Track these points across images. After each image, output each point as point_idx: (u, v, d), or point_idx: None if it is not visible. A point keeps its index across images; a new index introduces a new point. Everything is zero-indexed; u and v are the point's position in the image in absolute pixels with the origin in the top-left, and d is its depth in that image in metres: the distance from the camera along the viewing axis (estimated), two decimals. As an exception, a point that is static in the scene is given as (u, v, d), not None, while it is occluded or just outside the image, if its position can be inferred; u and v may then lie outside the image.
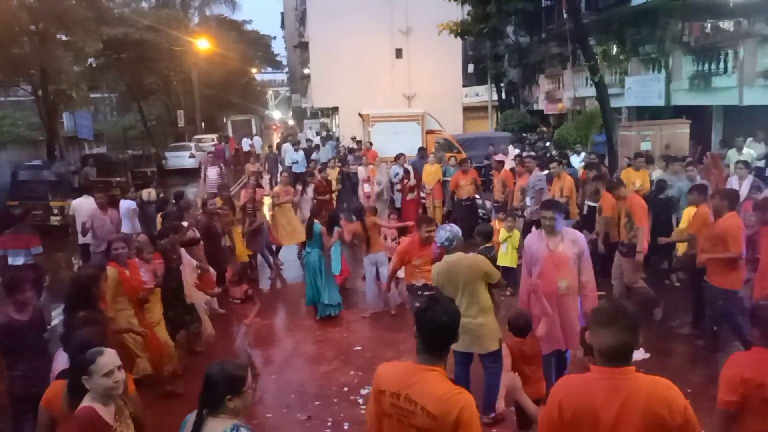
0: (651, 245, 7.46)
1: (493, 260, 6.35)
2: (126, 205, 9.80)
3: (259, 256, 10.16)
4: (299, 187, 11.43)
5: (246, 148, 29.28)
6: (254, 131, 38.45)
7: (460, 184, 11.27)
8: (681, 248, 7.59)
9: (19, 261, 7.21)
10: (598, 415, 2.31)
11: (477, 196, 11.64)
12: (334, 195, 12.60)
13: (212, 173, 12.02)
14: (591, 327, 2.43)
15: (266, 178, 17.75)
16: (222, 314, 7.48)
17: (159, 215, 9.10)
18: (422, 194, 12.49)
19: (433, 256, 5.91)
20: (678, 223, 7.95)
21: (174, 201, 9.90)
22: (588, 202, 8.98)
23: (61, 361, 3.67)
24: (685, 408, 2.28)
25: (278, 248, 10.66)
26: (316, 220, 7.82)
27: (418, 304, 5.83)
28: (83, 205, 9.59)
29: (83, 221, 8.54)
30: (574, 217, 9.07)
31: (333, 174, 13.18)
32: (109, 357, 2.92)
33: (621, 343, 2.32)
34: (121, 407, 3.03)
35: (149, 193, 11.24)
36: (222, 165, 12.83)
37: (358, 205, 9.73)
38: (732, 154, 11.39)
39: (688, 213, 7.24)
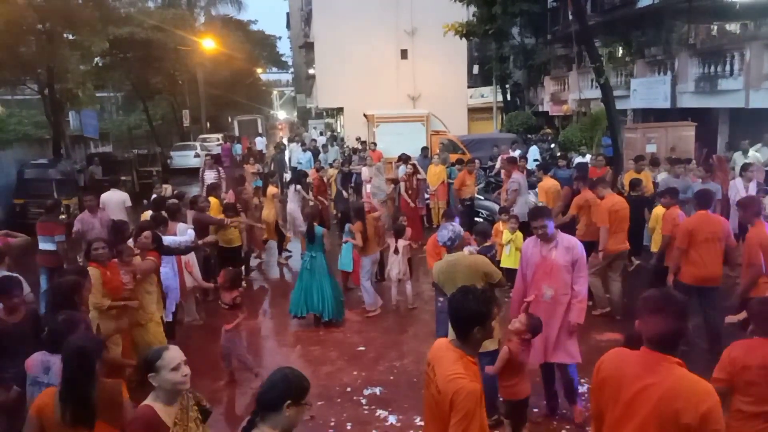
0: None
1: (493, 260, 6.36)
2: None
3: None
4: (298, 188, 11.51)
5: (259, 146, 29.29)
6: (260, 131, 38.56)
7: (466, 183, 11.32)
8: (654, 246, 7.93)
9: (48, 246, 7.88)
10: (621, 387, 2.44)
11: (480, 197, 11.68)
12: (330, 195, 12.65)
13: (209, 177, 12.01)
14: (641, 315, 2.50)
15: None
16: (200, 323, 7.53)
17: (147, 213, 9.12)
18: (426, 195, 12.49)
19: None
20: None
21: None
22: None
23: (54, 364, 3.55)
24: (705, 414, 2.24)
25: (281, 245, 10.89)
26: (316, 224, 7.76)
27: (441, 299, 5.92)
28: (111, 199, 9.93)
29: (76, 228, 8.29)
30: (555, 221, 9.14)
31: (332, 173, 13.19)
32: (175, 351, 2.89)
33: (669, 330, 2.39)
34: (185, 408, 2.92)
35: (165, 189, 11.52)
36: (220, 168, 12.79)
37: (358, 204, 9.78)
38: (737, 157, 11.36)
39: (656, 213, 7.68)
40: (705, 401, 2.26)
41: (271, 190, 10.97)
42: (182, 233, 7.39)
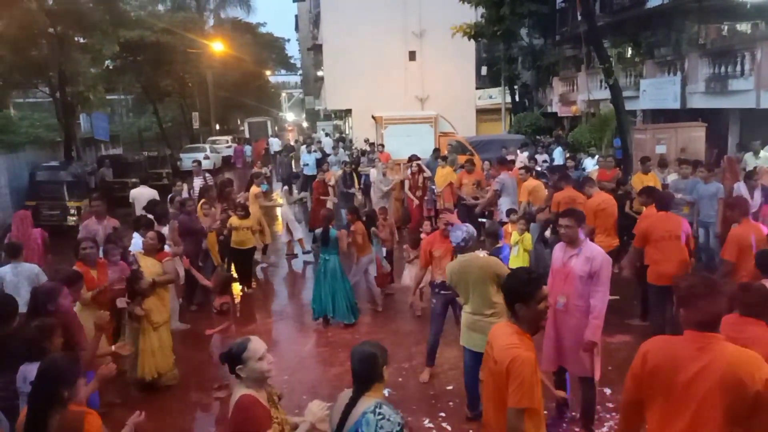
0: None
1: (505, 261, 6.38)
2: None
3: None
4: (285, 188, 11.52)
5: (276, 147, 29.38)
6: (270, 132, 38.72)
7: (463, 182, 11.38)
8: None
9: None
10: (677, 370, 2.53)
11: (479, 197, 11.68)
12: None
13: (197, 183, 11.98)
14: (687, 301, 2.61)
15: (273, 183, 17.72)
16: (186, 329, 7.45)
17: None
18: (433, 196, 12.51)
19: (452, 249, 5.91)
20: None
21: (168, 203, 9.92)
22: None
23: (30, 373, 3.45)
24: (767, 380, 2.39)
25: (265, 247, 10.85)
26: (330, 226, 7.74)
27: (434, 301, 5.95)
28: (142, 194, 10.14)
29: (80, 235, 7.84)
30: (540, 221, 9.19)
31: (334, 175, 13.20)
32: (258, 342, 2.98)
33: (717, 310, 2.58)
34: (270, 393, 3.07)
35: (183, 187, 11.72)
36: (207, 174, 12.63)
37: (354, 206, 9.85)
38: (749, 158, 11.27)
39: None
40: (764, 368, 2.43)
41: (254, 190, 10.83)
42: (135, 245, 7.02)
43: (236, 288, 9.29)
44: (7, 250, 6.22)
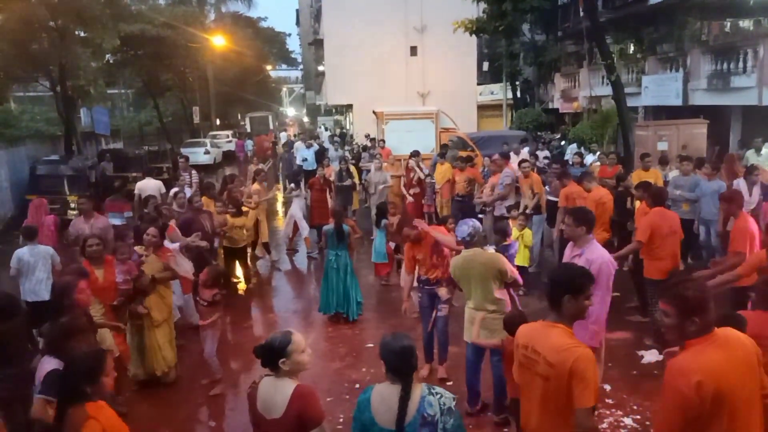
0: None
1: (512, 259, 6.39)
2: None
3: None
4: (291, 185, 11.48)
5: (283, 141, 29.35)
6: (271, 127, 38.71)
7: (455, 180, 11.36)
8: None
9: (117, 221, 8.95)
10: (735, 379, 2.50)
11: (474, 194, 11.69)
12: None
13: (185, 179, 11.96)
14: (701, 308, 2.56)
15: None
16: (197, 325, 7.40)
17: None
18: (433, 193, 12.48)
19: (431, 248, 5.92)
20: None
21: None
22: (550, 197, 9.20)
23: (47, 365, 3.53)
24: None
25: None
26: (343, 223, 7.67)
27: (420, 295, 5.96)
28: (147, 186, 10.33)
29: (71, 234, 7.85)
30: (544, 212, 9.24)
31: (335, 170, 13.19)
32: (299, 335, 3.03)
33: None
34: None
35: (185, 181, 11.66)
36: (194, 171, 12.56)
37: (342, 204, 9.86)
38: (750, 155, 11.24)
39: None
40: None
41: (255, 187, 10.71)
42: None
43: (234, 285, 9.28)
44: (24, 233, 6.79)
